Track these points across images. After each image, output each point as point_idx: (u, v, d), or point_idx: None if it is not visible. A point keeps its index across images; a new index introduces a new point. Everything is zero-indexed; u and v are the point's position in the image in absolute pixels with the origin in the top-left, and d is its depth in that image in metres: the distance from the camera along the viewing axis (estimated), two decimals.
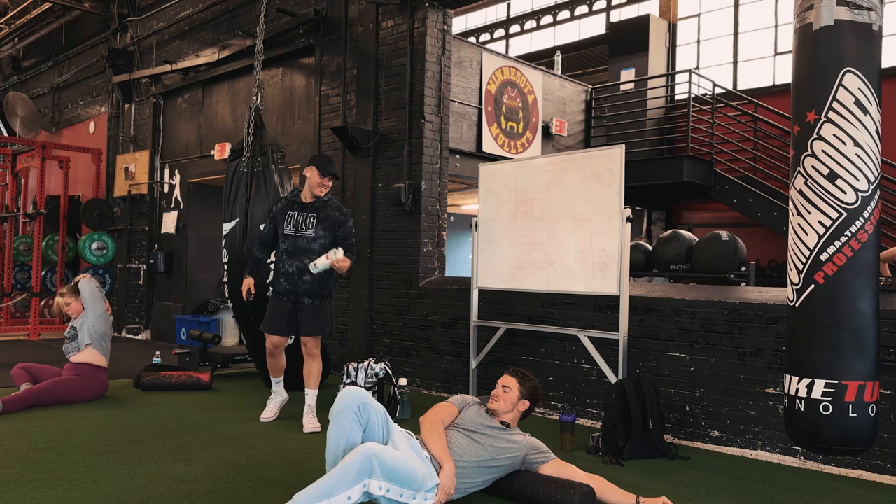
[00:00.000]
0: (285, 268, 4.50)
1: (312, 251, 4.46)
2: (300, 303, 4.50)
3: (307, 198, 4.57)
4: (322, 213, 4.52)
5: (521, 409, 3.33)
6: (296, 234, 4.48)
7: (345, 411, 2.80)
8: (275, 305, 4.56)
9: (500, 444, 3.16)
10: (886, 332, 3.73)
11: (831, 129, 2.71)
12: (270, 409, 4.73)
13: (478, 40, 16.14)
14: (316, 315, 4.53)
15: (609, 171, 4.43)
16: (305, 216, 4.51)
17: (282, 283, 4.51)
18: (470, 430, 3.18)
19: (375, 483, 2.63)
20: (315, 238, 4.48)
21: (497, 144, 8.27)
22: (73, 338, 5.20)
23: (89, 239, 10.04)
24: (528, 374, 3.40)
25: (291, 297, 4.49)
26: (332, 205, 4.59)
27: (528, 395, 3.33)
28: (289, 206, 4.59)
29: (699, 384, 4.41)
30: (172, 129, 9.62)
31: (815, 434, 2.73)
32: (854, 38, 2.70)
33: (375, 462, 2.63)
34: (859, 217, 2.68)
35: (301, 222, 4.50)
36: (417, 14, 6.37)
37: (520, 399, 3.31)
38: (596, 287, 4.49)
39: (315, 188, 4.53)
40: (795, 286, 2.82)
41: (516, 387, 3.33)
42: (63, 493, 3.14)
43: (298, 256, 4.46)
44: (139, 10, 10.12)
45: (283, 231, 4.52)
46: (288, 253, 4.49)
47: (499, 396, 3.31)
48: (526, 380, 3.36)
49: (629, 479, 3.60)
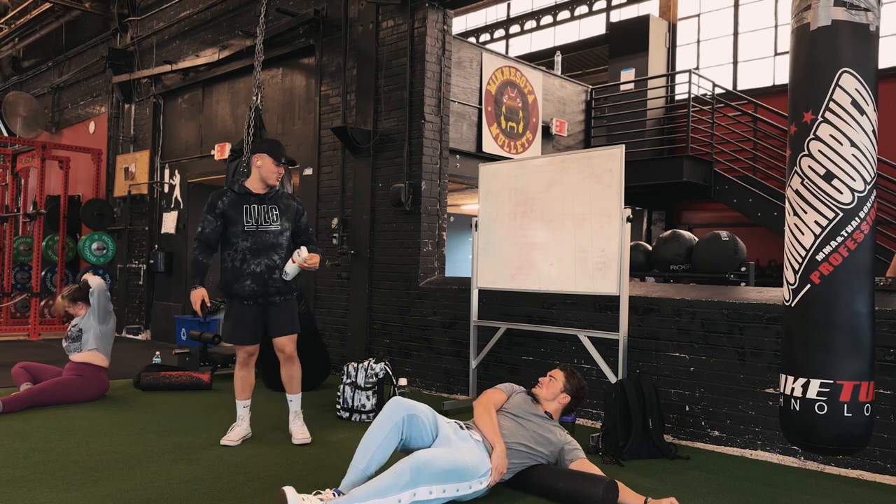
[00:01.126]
0: (251, 268, 4.04)
1: (280, 246, 4.12)
2: (271, 303, 4.14)
3: (259, 188, 4.12)
4: (282, 204, 4.16)
5: (563, 402, 3.50)
6: (258, 230, 4.06)
7: (389, 420, 2.99)
8: (241, 312, 4.12)
9: (543, 433, 3.32)
10: (886, 332, 3.74)
11: (828, 130, 2.72)
12: (235, 434, 4.16)
13: (478, 40, 16.14)
14: (290, 312, 4.23)
15: (609, 171, 4.43)
16: (266, 208, 4.11)
17: (248, 286, 4.05)
18: (517, 414, 3.36)
19: (424, 489, 2.80)
20: (282, 231, 4.13)
21: (497, 144, 8.27)
22: (76, 338, 5.19)
23: (89, 239, 10.05)
24: (576, 374, 3.58)
25: (261, 298, 4.10)
26: (285, 194, 4.26)
27: (571, 391, 3.51)
28: (240, 199, 4.09)
29: (699, 384, 4.41)
30: (172, 130, 9.63)
31: (810, 434, 2.74)
32: (851, 38, 2.71)
33: (425, 471, 2.81)
34: (855, 217, 2.69)
35: (263, 216, 4.09)
36: (417, 14, 6.38)
37: (562, 392, 3.49)
38: (596, 287, 4.49)
39: (270, 177, 4.10)
40: (791, 286, 2.83)
41: (562, 379, 3.52)
42: (63, 493, 3.14)
43: (266, 253, 4.06)
44: (139, 10, 10.13)
45: (242, 227, 4.05)
46: (252, 251, 4.05)
47: (543, 384, 3.53)
48: (573, 377, 3.55)
49: (629, 479, 3.60)
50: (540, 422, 3.37)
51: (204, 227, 4.10)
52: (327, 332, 6.88)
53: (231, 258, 4.08)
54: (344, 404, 4.88)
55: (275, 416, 4.80)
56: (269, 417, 4.76)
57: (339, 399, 4.91)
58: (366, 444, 2.97)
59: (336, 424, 4.68)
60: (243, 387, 4.23)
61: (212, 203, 4.10)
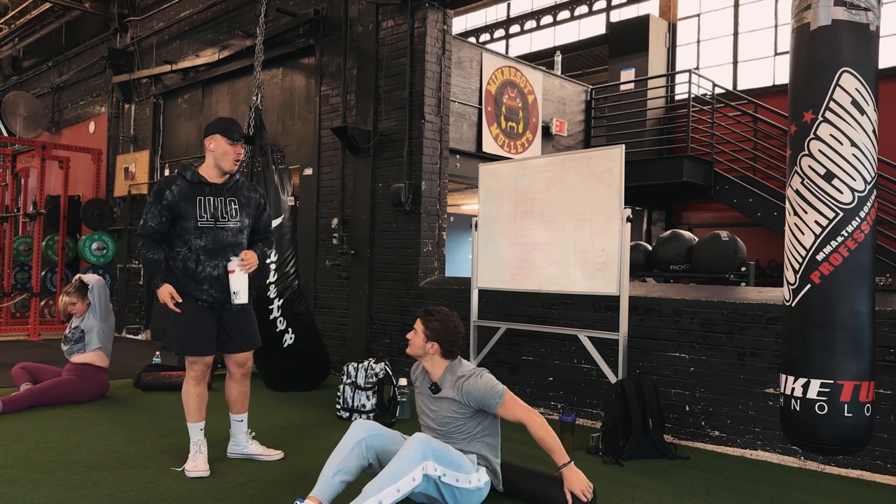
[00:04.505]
0: (206, 271, 3.45)
1: (240, 245, 3.54)
2: (227, 310, 3.54)
3: (215, 177, 3.51)
4: (242, 197, 3.57)
5: (433, 352, 3.09)
6: (216, 227, 3.46)
7: (347, 445, 2.89)
8: (197, 317, 3.47)
9: (440, 410, 3.10)
10: (886, 332, 3.74)
11: (828, 129, 2.72)
12: (201, 461, 3.54)
13: (478, 40, 16.14)
14: (251, 321, 3.68)
15: (609, 171, 4.43)
16: (224, 202, 3.50)
17: (206, 290, 3.47)
18: (422, 409, 3.20)
19: (431, 465, 2.78)
20: (241, 229, 3.55)
21: (497, 144, 8.27)
22: (77, 339, 5.17)
23: (89, 239, 10.04)
24: (436, 312, 3.13)
25: (217, 305, 3.51)
26: (245, 184, 3.65)
27: (433, 334, 3.07)
28: (193, 189, 3.46)
29: (699, 384, 4.41)
30: (172, 129, 9.63)
31: (810, 434, 2.74)
32: (851, 38, 2.71)
33: (429, 447, 2.79)
34: (856, 217, 2.69)
35: (221, 210, 3.49)
36: (417, 14, 6.37)
37: (427, 341, 3.09)
38: (596, 287, 4.49)
39: (225, 162, 3.48)
40: (792, 286, 2.83)
41: (420, 328, 3.11)
42: (63, 493, 3.14)
43: (224, 254, 3.47)
44: (139, 10, 10.13)
45: (196, 223, 3.43)
46: (207, 251, 3.44)
47: (409, 342, 3.15)
48: (430, 317, 3.10)
49: (629, 478, 3.61)
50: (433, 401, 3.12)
51: (146, 220, 3.46)
52: (327, 332, 6.88)
53: (183, 258, 3.47)
54: (344, 404, 4.88)
55: (274, 416, 4.80)
56: (268, 418, 4.76)
57: (339, 399, 4.91)
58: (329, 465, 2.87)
59: (336, 424, 4.68)
60: (199, 406, 3.59)
61: (158, 192, 3.45)
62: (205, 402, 3.63)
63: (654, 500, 3.29)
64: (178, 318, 3.48)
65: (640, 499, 3.30)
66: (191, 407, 3.58)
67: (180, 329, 3.48)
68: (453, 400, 3.06)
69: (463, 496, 2.92)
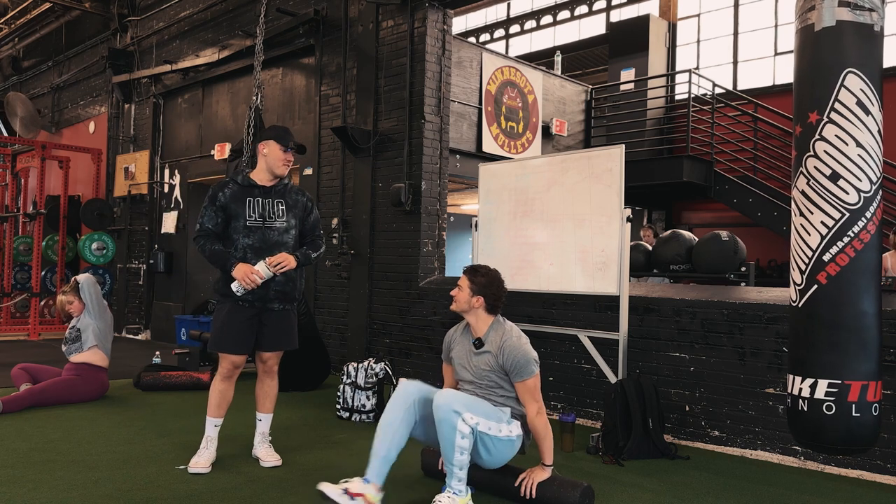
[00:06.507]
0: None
1: (285, 245, 3.68)
2: (268, 310, 3.69)
3: (266, 181, 3.71)
4: (289, 199, 3.75)
5: (478, 306, 3.20)
6: (264, 226, 3.65)
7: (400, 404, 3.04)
8: (234, 313, 3.63)
9: (479, 365, 3.19)
10: (886, 332, 3.73)
11: (833, 130, 2.71)
12: (205, 458, 3.63)
13: (478, 40, 16.13)
14: (290, 323, 3.80)
15: (609, 172, 4.43)
16: (272, 203, 3.68)
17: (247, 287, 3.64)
18: (462, 364, 3.27)
19: (468, 414, 2.88)
20: (287, 229, 3.71)
21: (497, 144, 8.27)
22: (75, 339, 5.17)
23: (89, 239, 10.03)
24: (480, 268, 3.28)
25: (258, 303, 3.65)
26: (294, 189, 3.84)
27: (479, 289, 3.19)
28: (244, 191, 3.67)
29: (699, 384, 4.41)
30: (172, 129, 9.61)
31: (818, 434, 2.73)
32: (856, 38, 2.70)
33: (455, 399, 2.91)
34: (862, 217, 2.68)
35: (269, 211, 3.67)
36: (417, 14, 6.37)
37: (472, 296, 3.20)
38: (596, 287, 4.48)
39: (277, 167, 3.69)
40: (798, 286, 2.82)
41: (466, 284, 3.23)
42: (63, 493, 3.13)
43: (269, 252, 3.63)
44: (139, 10, 10.12)
45: (245, 222, 3.62)
46: (254, 249, 3.61)
47: (454, 298, 3.27)
48: (475, 274, 3.24)
49: (629, 478, 3.60)
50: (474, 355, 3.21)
51: (203, 223, 3.65)
52: (327, 332, 6.87)
53: (230, 256, 3.65)
54: (344, 404, 4.87)
55: (274, 415, 4.78)
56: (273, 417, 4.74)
57: (339, 399, 4.90)
58: (382, 430, 3.00)
59: (336, 424, 4.68)
60: (220, 402, 3.71)
61: (212, 195, 3.66)
62: (227, 401, 3.74)
63: (654, 500, 3.29)
64: (217, 318, 3.69)
65: (640, 499, 3.30)
66: (212, 401, 3.72)
67: (216, 325, 3.69)
68: (492, 354, 3.14)
69: (496, 446, 3.00)
